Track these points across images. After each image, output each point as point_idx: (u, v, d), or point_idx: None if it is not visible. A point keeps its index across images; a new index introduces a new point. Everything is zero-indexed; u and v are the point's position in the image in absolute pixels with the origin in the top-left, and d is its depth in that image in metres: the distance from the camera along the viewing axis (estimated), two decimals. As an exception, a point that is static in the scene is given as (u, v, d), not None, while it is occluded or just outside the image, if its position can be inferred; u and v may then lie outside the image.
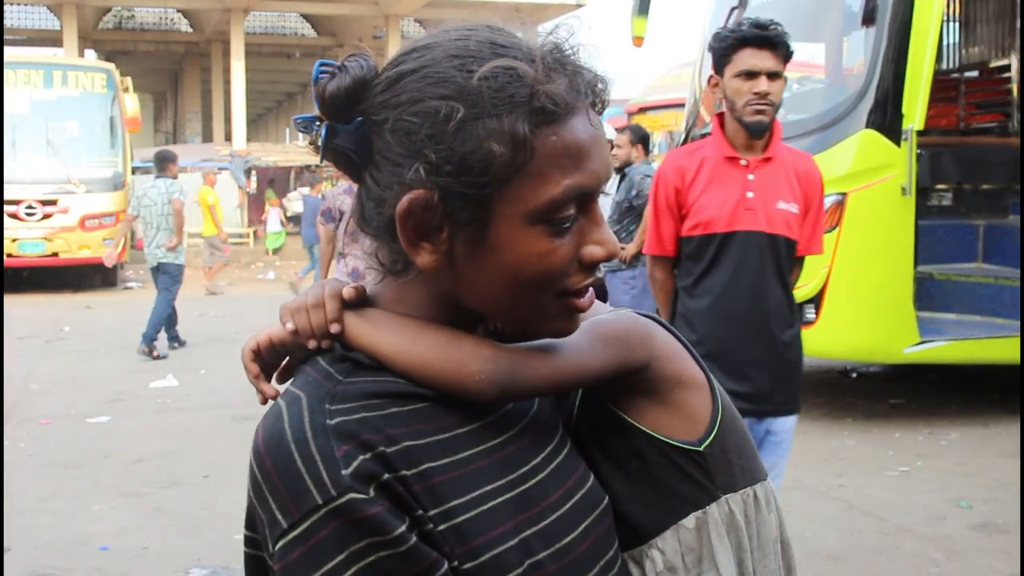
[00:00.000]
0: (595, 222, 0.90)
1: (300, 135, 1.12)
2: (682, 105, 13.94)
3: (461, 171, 0.85)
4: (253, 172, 22.73)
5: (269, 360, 0.98)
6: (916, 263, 6.04)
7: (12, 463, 5.41)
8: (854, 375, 7.89)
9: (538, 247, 0.87)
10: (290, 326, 0.94)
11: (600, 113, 0.91)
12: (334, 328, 0.92)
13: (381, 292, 0.97)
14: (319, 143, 0.90)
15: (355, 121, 0.89)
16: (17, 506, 4.74)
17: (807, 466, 5.34)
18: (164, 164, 9.54)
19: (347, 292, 0.94)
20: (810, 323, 6.13)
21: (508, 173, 0.85)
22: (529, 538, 0.91)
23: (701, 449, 0.99)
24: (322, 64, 0.90)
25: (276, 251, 21.25)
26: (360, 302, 0.95)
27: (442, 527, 0.86)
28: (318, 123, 0.91)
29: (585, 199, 0.89)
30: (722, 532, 0.99)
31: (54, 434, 6.35)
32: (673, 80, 15.99)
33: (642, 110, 16.11)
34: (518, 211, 0.86)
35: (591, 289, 0.93)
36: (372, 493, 0.83)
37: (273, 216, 21.40)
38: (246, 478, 0.89)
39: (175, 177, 9.51)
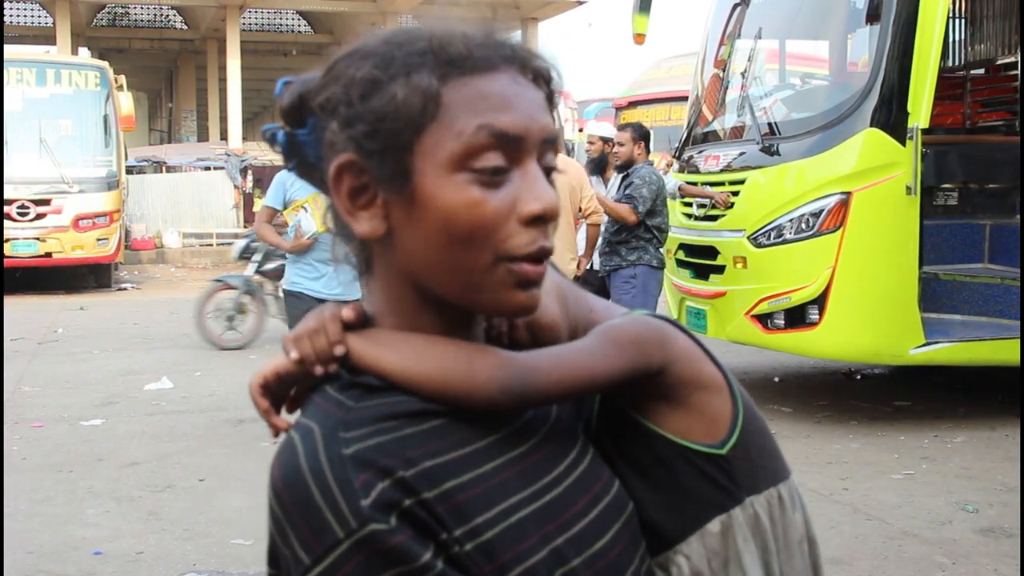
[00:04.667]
0: (531, 177, 0.87)
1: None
2: (672, 99, 13.85)
3: (374, 124, 0.85)
4: (249, 171, 22.67)
5: (278, 392, 0.96)
6: (921, 263, 5.99)
7: (4, 466, 5.34)
8: (858, 377, 7.84)
9: (464, 198, 0.85)
10: (294, 355, 0.92)
11: (549, 92, 0.90)
12: (338, 350, 0.91)
13: (375, 310, 0.94)
14: (283, 151, 0.93)
15: (309, 122, 0.91)
16: (9, 510, 4.68)
17: (811, 469, 5.31)
18: None
19: (346, 313, 0.92)
20: (814, 324, 6.08)
21: (421, 121, 0.85)
22: (560, 547, 0.90)
23: (724, 452, 0.98)
24: (284, 82, 0.94)
25: None
26: (360, 322, 0.93)
27: (468, 547, 0.84)
28: (282, 132, 0.93)
29: (512, 149, 0.86)
30: (747, 535, 0.98)
31: (47, 437, 6.27)
32: (664, 73, 15.82)
33: (631, 104, 15.95)
34: (437, 160, 0.85)
35: (544, 260, 0.88)
36: (394, 522, 0.81)
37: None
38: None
39: None
